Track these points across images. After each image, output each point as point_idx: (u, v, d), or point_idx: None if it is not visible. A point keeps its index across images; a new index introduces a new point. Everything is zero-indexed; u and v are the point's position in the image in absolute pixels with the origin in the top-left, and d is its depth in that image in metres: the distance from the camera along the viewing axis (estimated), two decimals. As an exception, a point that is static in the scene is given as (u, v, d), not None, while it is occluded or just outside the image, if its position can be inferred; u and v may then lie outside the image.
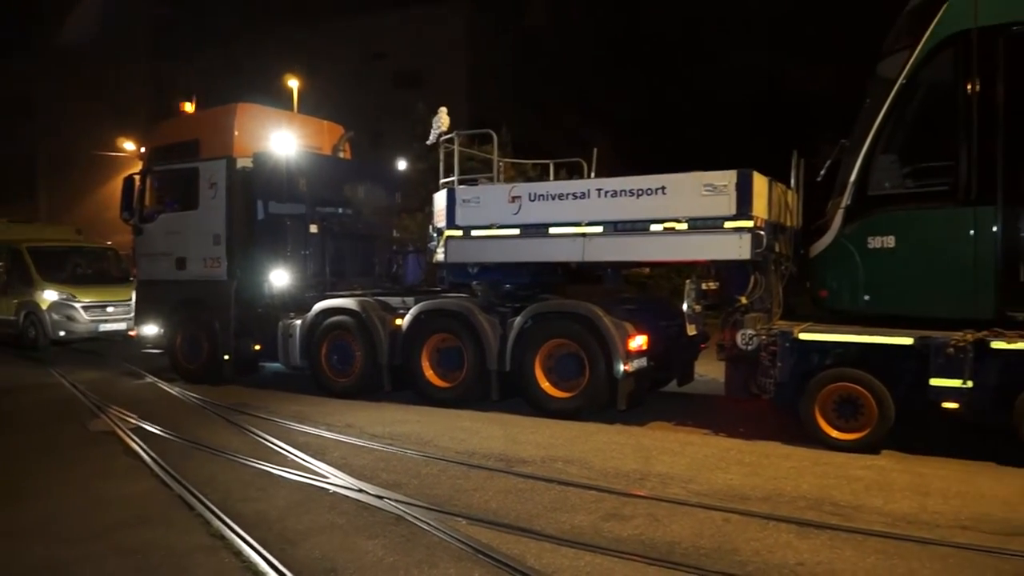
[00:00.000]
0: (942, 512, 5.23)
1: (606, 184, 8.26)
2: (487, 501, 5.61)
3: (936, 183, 7.01)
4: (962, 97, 6.72)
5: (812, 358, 7.35)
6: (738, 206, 7.45)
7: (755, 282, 7.83)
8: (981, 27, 6.62)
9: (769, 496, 5.66)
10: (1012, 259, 6.56)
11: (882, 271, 7.20)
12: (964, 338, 6.44)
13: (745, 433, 7.77)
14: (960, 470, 6.31)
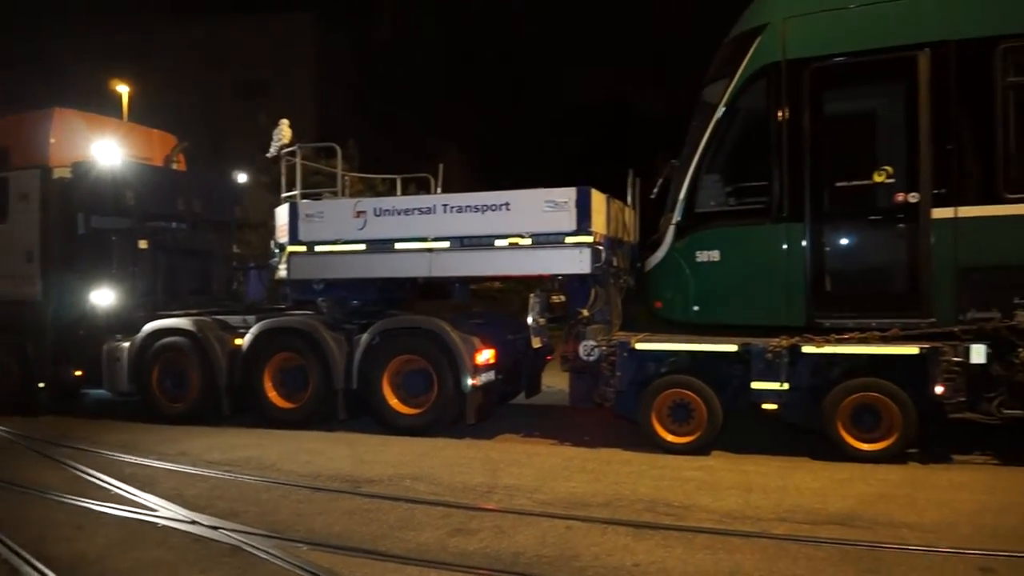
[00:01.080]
0: (763, 506, 5.62)
1: (452, 200, 8.32)
2: (331, 524, 5.45)
3: (754, 201, 7.58)
4: (774, 123, 7.32)
5: (648, 366, 7.73)
6: (578, 222, 7.73)
7: (596, 295, 8.13)
8: (789, 60, 7.25)
9: (610, 501, 5.87)
10: (819, 271, 7.21)
11: (709, 283, 7.68)
12: (780, 344, 7.00)
13: (589, 441, 8.03)
14: (780, 467, 6.82)
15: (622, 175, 9.30)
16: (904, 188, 6.95)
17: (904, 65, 6.91)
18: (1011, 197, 6.63)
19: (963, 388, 6.61)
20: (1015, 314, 6.70)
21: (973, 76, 6.71)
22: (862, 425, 6.89)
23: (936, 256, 6.80)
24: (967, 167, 6.75)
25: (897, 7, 7.00)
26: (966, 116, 6.77)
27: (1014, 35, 6.60)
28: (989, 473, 6.56)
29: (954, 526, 5.11)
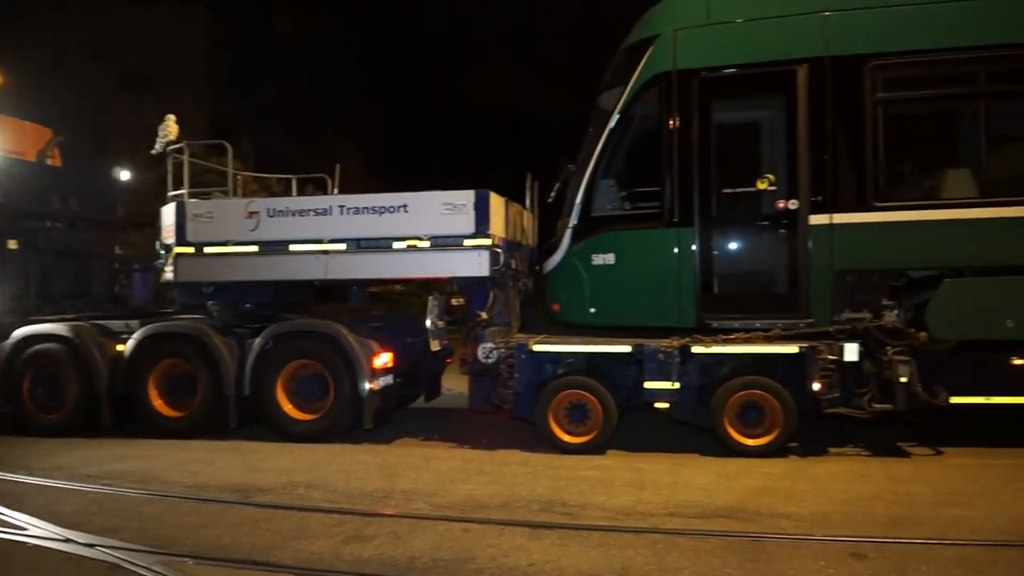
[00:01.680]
0: (654, 502, 5.79)
1: (348, 201, 8.17)
2: (219, 536, 5.24)
3: (647, 206, 7.82)
4: (665, 131, 7.57)
5: (546, 368, 7.83)
6: (476, 225, 7.75)
7: (494, 298, 8.17)
8: (679, 70, 7.52)
9: (507, 503, 5.90)
10: (708, 274, 7.50)
11: (605, 285, 7.86)
12: (671, 344, 7.24)
13: (488, 444, 8.06)
14: (671, 463, 7.04)
15: (523, 179, 9.39)
16: (785, 195, 7.33)
17: (784, 79, 7.29)
18: (880, 205, 7.10)
19: (837, 384, 7.04)
20: (883, 315, 7.19)
21: (846, 91, 7.14)
22: (747, 421, 7.21)
23: (813, 260, 7.20)
24: (841, 177, 7.18)
25: (778, 24, 7.37)
26: (840, 129, 7.20)
27: (882, 53, 7.08)
28: (860, 464, 6.98)
29: (828, 515, 5.41)
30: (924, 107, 7.91)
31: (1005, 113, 7.90)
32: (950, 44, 7.05)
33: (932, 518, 5.29)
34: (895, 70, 7.19)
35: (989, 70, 7.24)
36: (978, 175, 7.35)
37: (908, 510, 5.47)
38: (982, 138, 7.83)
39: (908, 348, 7.00)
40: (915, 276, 7.41)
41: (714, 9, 7.49)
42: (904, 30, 7.10)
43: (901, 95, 7.37)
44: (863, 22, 7.16)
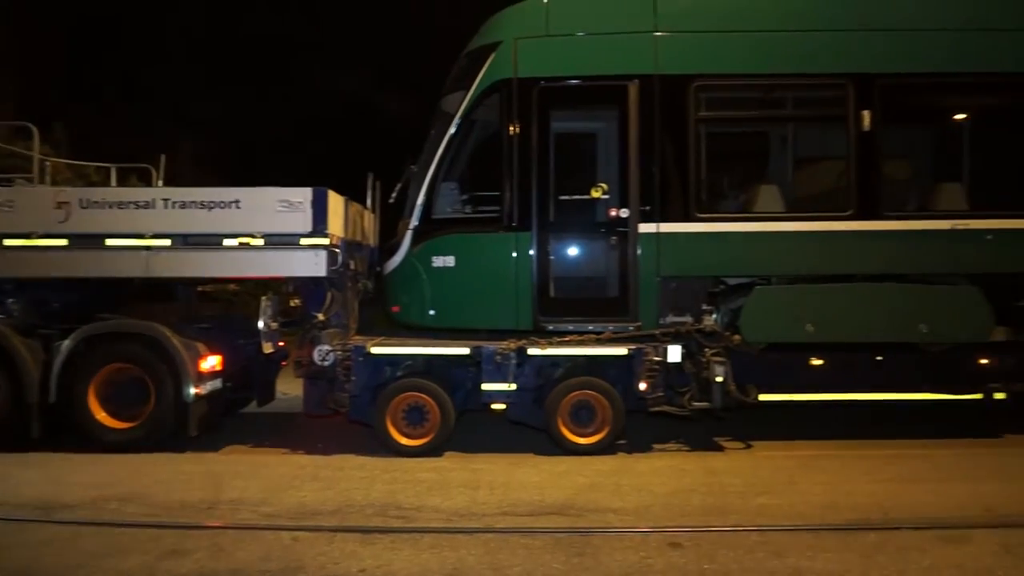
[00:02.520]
0: (488, 502, 5.87)
1: (174, 194, 7.68)
2: (16, 558, 4.77)
3: (487, 210, 7.94)
4: (505, 137, 7.72)
5: (384, 370, 7.73)
6: (314, 223, 7.53)
7: (332, 298, 7.97)
8: (520, 78, 7.69)
9: (340, 508, 5.77)
10: (544, 277, 7.72)
11: (444, 288, 7.88)
12: (508, 346, 7.37)
13: (323, 449, 7.84)
14: (506, 464, 7.16)
15: (364, 178, 9.22)
16: (616, 204, 7.69)
17: (617, 93, 7.64)
18: (701, 216, 7.61)
19: (662, 384, 7.45)
20: (703, 319, 7.71)
21: (672, 108, 7.59)
22: (579, 421, 7.47)
23: (642, 267, 7.59)
24: (667, 188, 7.62)
25: (613, 40, 7.72)
26: (667, 143, 7.64)
27: (705, 75, 7.59)
28: (681, 459, 7.43)
29: (651, 508, 5.72)
30: (741, 127, 8.61)
31: (810, 136, 8.74)
32: (764, 70, 7.67)
33: (741, 507, 5.72)
34: (716, 91, 7.74)
35: (796, 96, 7.97)
36: (786, 191, 8.06)
37: (721, 500, 5.88)
38: (790, 157, 8.63)
39: (724, 350, 7.54)
40: (731, 283, 8.01)
41: (553, 21, 7.72)
42: (725, 54, 7.65)
43: (721, 114, 7.96)
44: (689, 44, 7.65)
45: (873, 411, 8.59)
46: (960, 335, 7.67)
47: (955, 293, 7.65)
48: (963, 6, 7.69)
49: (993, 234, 7.52)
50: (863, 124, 7.52)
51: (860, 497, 5.89)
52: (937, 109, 8.36)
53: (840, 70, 7.57)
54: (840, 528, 5.16)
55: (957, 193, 7.81)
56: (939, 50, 7.57)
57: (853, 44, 7.58)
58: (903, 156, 8.83)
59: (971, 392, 7.88)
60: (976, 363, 7.84)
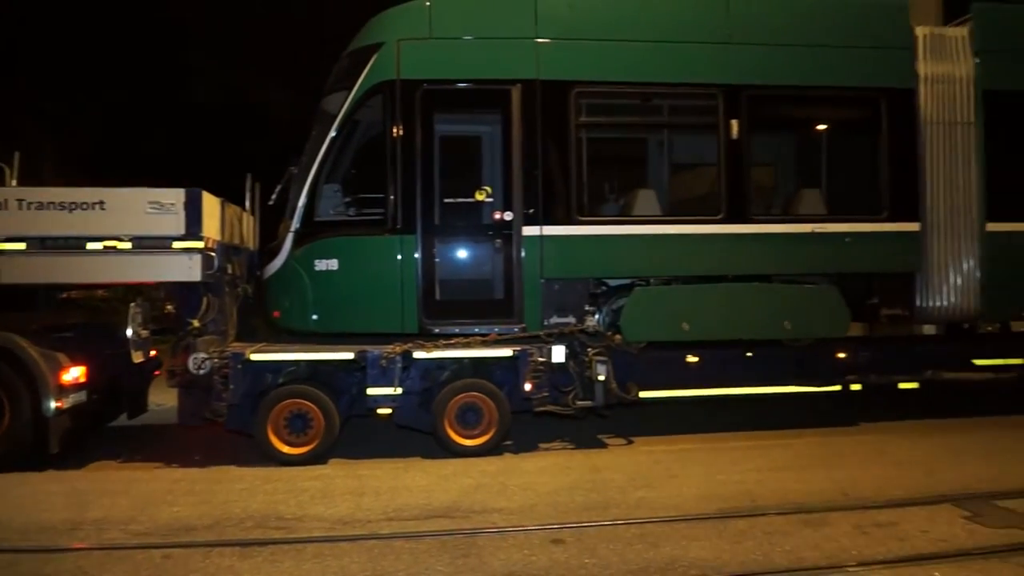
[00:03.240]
0: (373, 508, 5.80)
1: (30, 194, 7.16)
2: None
3: (371, 213, 7.84)
4: (389, 139, 7.65)
5: (265, 378, 7.50)
6: (187, 226, 7.22)
7: (208, 304, 7.66)
8: (403, 80, 7.64)
9: (217, 522, 5.55)
10: (430, 281, 7.70)
11: (328, 291, 7.73)
12: (394, 350, 7.31)
13: (199, 461, 7.52)
14: (393, 468, 7.10)
15: (242, 179, 8.91)
16: (500, 207, 7.77)
17: (500, 97, 7.73)
18: (583, 219, 7.81)
19: (546, 385, 7.58)
20: (586, 319, 7.92)
21: (554, 113, 7.75)
22: (466, 423, 7.50)
23: (526, 269, 7.71)
24: (550, 192, 7.76)
25: (496, 44, 7.79)
26: (549, 148, 7.78)
27: (584, 81, 7.79)
28: (565, 456, 7.59)
29: (535, 506, 5.81)
30: (620, 133, 8.90)
31: (685, 143, 9.14)
32: (641, 79, 7.95)
33: (622, 501, 5.90)
34: (596, 97, 7.96)
35: (671, 104, 8.31)
36: (663, 196, 8.39)
37: (602, 495, 6.05)
38: (667, 163, 8.98)
39: (606, 349, 7.76)
40: (612, 284, 8.25)
41: (436, 24, 7.72)
42: (604, 62, 7.87)
43: (601, 120, 8.20)
44: (569, 51, 7.82)
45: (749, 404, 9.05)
46: (820, 331, 8.22)
47: (815, 292, 8.20)
48: (821, 25, 8.22)
49: (848, 237, 8.10)
50: (732, 132, 7.93)
51: (731, 486, 6.20)
52: (798, 119, 8.92)
53: (710, 81, 7.95)
54: (712, 517, 5.41)
55: (816, 198, 8.35)
56: (799, 64, 8.09)
57: (722, 56, 7.97)
58: (769, 163, 9.41)
59: (831, 384, 8.45)
60: (835, 357, 8.42)
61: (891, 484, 6.14)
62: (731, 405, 9.01)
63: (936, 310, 8.45)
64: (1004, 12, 8.83)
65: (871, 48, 8.19)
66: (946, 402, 9.27)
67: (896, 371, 8.57)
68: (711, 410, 9.08)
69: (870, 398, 8.95)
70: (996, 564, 4.48)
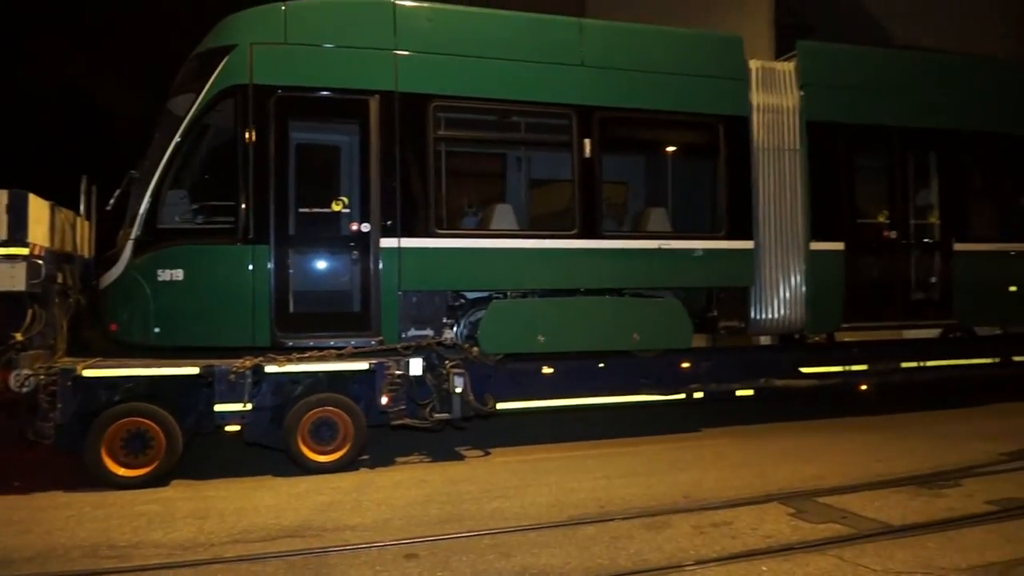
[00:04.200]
0: (217, 531, 5.54)
1: None
2: None
3: (221, 221, 7.51)
4: (241, 145, 7.36)
5: (100, 395, 6.99)
6: (11, 231, 6.66)
7: (34, 316, 7.05)
8: (256, 85, 7.39)
9: (39, 554, 5.10)
10: (283, 292, 7.46)
11: (172, 303, 7.31)
12: (243, 364, 7.02)
13: (20, 487, 6.87)
14: (241, 488, 6.81)
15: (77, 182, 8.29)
16: (358, 218, 7.67)
17: (358, 107, 7.64)
18: (441, 232, 7.84)
19: (404, 398, 7.53)
20: (444, 332, 7.95)
21: (412, 125, 7.74)
22: (320, 438, 7.31)
23: (383, 281, 7.63)
24: (408, 204, 7.74)
25: (354, 54, 7.69)
26: (408, 160, 7.76)
27: (442, 95, 7.85)
28: (422, 470, 7.56)
29: (390, 521, 5.75)
30: (478, 147, 9.04)
31: (542, 160, 9.42)
32: (499, 96, 8.10)
33: (476, 512, 5.96)
34: (455, 112, 8.03)
35: (528, 122, 8.52)
36: (520, 210, 8.59)
37: (457, 508, 6.08)
38: (524, 179, 9.21)
39: (463, 362, 7.82)
40: (470, 297, 8.34)
41: (292, 29, 7.53)
42: (463, 77, 7.96)
43: (459, 135, 8.27)
44: (428, 64, 7.85)
45: (602, 413, 9.38)
46: (666, 342, 8.68)
47: (661, 305, 8.65)
48: (666, 53, 8.70)
49: (691, 253, 8.60)
50: (585, 151, 8.24)
51: (582, 494, 6.41)
52: (646, 141, 9.40)
53: (565, 101, 8.22)
54: (562, 524, 5.57)
55: (663, 217, 8.82)
56: (647, 89, 8.52)
57: (576, 78, 8.27)
58: (620, 182, 9.85)
59: (676, 392, 8.92)
60: (679, 367, 8.90)
61: (727, 486, 6.56)
62: (585, 414, 9.34)
63: (768, 322, 9.13)
64: (825, 50, 9.75)
65: (710, 77, 8.77)
66: (779, 407, 10.01)
67: (734, 379, 9.18)
68: (566, 419, 9.34)
69: (712, 405, 9.53)
70: (815, 556, 4.88)
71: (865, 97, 9.44)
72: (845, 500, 6.03)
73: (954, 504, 5.87)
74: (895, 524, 5.40)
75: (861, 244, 9.37)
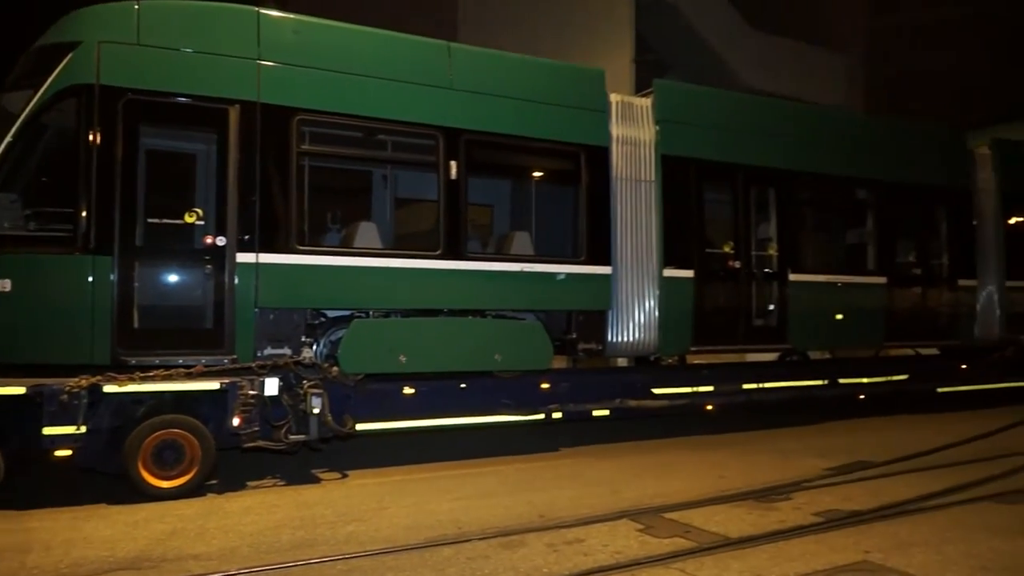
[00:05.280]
0: (43, 565, 5.10)
1: None
2: None
3: (58, 229, 6.97)
4: (84, 148, 6.88)
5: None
6: None
7: None
8: (103, 85, 6.94)
9: None
10: (127, 306, 7.00)
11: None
12: (78, 384, 6.53)
13: None
14: (71, 518, 6.29)
15: None
16: (213, 231, 7.34)
17: (217, 116, 7.34)
18: (301, 249, 7.64)
19: (257, 419, 7.24)
20: (302, 351, 7.73)
21: (274, 138, 7.52)
22: (164, 463, 6.88)
23: (239, 297, 7.33)
24: (268, 218, 7.49)
25: (215, 60, 7.38)
26: (269, 173, 7.52)
27: (307, 110, 7.69)
28: (274, 494, 7.26)
29: (237, 549, 5.49)
30: (344, 164, 8.91)
31: (408, 179, 9.41)
32: (366, 113, 8.01)
33: (331, 537, 5.80)
34: (320, 126, 7.88)
35: (395, 141, 8.50)
36: (384, 229, 8.53)
37: (311, 533, 5.90)
38: (390, 198, 9.17)
39: (322, 381, 7.63)
40: (331, 315, 8.17)
41: (146, 30, 7.14)
42: (329, 92, 7.83)
43: (324, 150, 8.12)
44: (293, 77, 7.67)
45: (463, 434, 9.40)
46: (527, 363, 8.85)
47: (523, 327, 8.83)
48: (533, 82, 8.95)
49: (552, 277, 8.84)
50: (451, 173, 8.30)
51: (440, 515, 6.39)
52: (512, 166, 9.61)
53: (432, 122, 8.26)
54: (419, 547, 5.52)
55: (526, 240, 9.02)
56: (513, 116, 8.71)
57: (444, 100, 8.34)
58: (486, 205, 10.00)
59: (536, 413, 9.08)
60: (539, 388, 9.09)
61: (582, 504, 6.74)
62: (446, 435, 9.34)
63: (624, 345, 9.50)
64: (680, 89, 10.36)
65: (574, 108, 9.09)
66: (635, 425, 10.42)
67: (591, 400, 9.47)
68: (428, 440, 9.30)
69: (572, 424, 9.78)
70: (660, 570, 5.10)
71: (715, 135, 10.10)
72: (690, 515, 6.34)
73: (785, 517, 6.31)
74: (733, 537, 5.73)
75: (709, 272, 9.97)
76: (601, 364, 11.05)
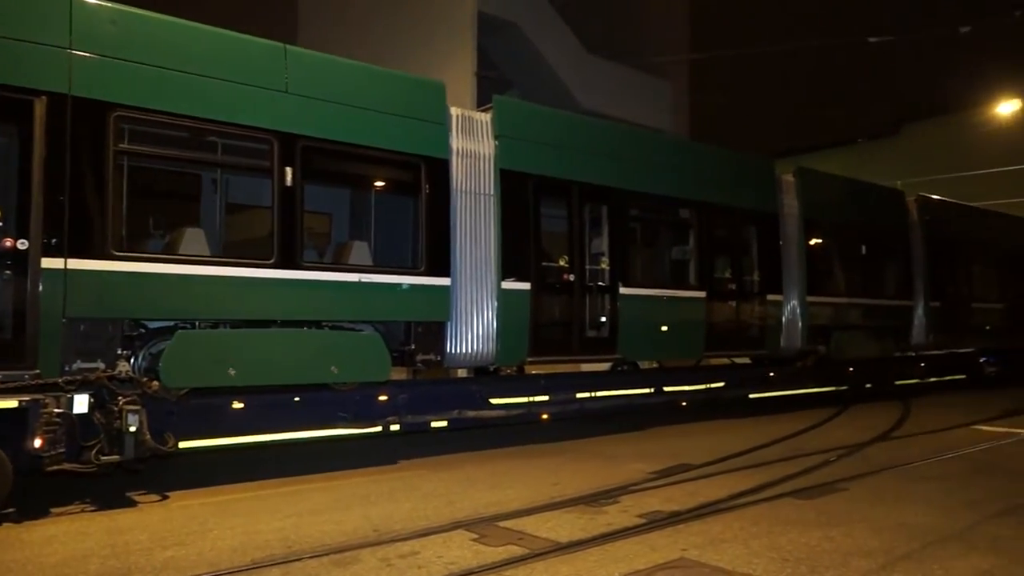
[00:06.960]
0: None
1: None
2: None
3: None
4: None
5: None
6: None
7: None
8: None
9: None
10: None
11: None
12: None
13: None
14: None
15: None
16: (14, 234, 6.67)
17: (21, 108, 6.68)
18: (119, 255, 7.10)
19: (63, 440, 6.62)
20: (118, 364, 7.17)
21: (88, 135, 6.96)
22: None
23: (43, 306, 6.69)
24: (79, 222, 6.91)
25: (17, 47, 6.71)
26: (81, 172, 6.94)
27: (125, 106, 7.17)
28: (83, 521, 6.67)
29: (35, 583, 5.01)
30: (168, 165, 8.38)
31: (240, 184, 9.00)
32: (193, 113, 7.56)
33: (146, 564, 5.41)
34: (140, 124, 7.36)
35: (226, 144, 8.10)
36: (213, 235, 8.10)
37: (123, 561, 5.47)
38: (220, 203, 8.73)
39: (140, 397, 7.11)
40: (152, 326, 7.65)
41: (-67, 9, 6.41)
42: (152, 88, 7.34)
43: (145, 150, 7.59)
44: (110, 70, 7.14)
45: (297, 449, 9.08)
46: (364, 375, 8.70)
47: (360, 338, 8.69)
48: (372, 91, 8.83)
49: (391, 288, 8.77)
50: (286, 179, 8.03)
51: (269, 534, 6.13)
52: (350, 175, 9.47)
53: (267, 126, 7.95)
54: (244, 569, 5.26)
55: (365, 251, 8.89)
56: (352, 124, 8.57)
57: (279, 104, 8.06)
58: (323, 213, 9.76)
59: (373, 425, 8.96)
60: (377, 400, 8.97)
61: (417, 516, 6.72)
62: (279, 451, 8.99)
63: (463, 355, 9.59)
64: (519, 106, 10.67)
65: (414, 119, 9.08)
66: (473, 436, 10.51)
67: (429, 411, 9.47)
68: (258, 457, 8.91)
69: (411, 436, 9.72)
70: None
71: (552, 152, 10.45)
72: (523, 522, 6.48)
73: (612, 520, 6.60)
74: (563, 541, 5.92)
75: (545, 285, 10.28)
76: (440, 375, 11.07)
